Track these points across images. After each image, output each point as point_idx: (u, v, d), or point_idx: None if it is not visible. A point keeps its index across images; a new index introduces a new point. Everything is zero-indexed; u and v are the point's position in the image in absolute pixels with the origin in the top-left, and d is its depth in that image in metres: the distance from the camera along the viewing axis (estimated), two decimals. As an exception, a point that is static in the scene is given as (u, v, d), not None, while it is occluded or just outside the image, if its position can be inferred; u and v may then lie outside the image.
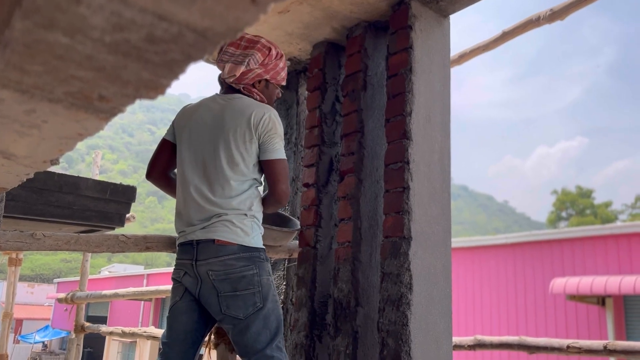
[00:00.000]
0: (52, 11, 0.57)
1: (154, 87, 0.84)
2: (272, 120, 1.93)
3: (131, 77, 0.80)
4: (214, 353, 2.16)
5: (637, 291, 7.81)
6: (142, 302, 21.13)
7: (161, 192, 2.57)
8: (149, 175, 2.14)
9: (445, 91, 2.22)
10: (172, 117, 2.24)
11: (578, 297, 9.03)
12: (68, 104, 0.87)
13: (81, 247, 1.87)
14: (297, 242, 2.45)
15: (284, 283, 2.62)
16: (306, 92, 2.87)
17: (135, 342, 22.00)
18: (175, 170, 2.11)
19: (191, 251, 1.89)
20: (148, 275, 21.19)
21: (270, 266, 1.96)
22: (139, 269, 28.51)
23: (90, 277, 23.18)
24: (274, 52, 2.01)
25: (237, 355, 1.91)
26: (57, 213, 2.41)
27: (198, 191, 1.93)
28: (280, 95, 2.15)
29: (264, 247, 1.95)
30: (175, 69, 0.77)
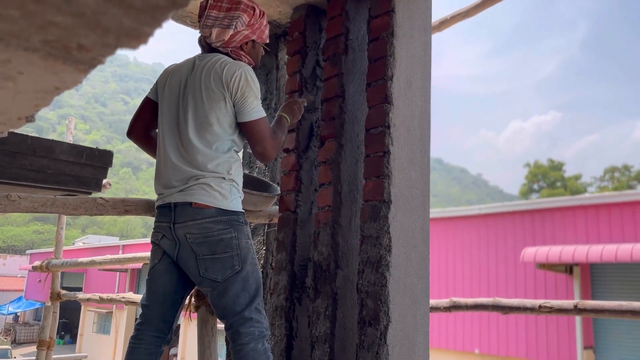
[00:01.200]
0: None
1: (136, 36, 0.81)
2: (243, 77, 1.88)
3: (112, 24, 0.78)
4: (194, 316, 2.17)
5: (604, 259, 8.09)
6: (118, 273, 21.02)
7: (135, 163, 2.51)
8: (130, 134, 2.11)
9: (426, 56, 2.22)
10: (147, 87, 2.20)
11: (547, 266, 9.32)
12: (45, 54, 0.84)
13: (58, 209, 1.84)
14: (277, 207, 2.46)
15: (264, 248, 2.63)
16: (286, 57, 2.83)
17: (111, 312, 21.97)
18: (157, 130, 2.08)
19: (169, 214, 1.88)
20: (124, 246, 21.03)
21: (249, 230, 1.96)
22: (114, 240, 28.27)
23: (65, 248, 22.94)
24: (257, 11, 1.98)
25: (217, 318, 1.92)
26: (32, 177, 2.36)
27: (175, 152, 1.91)
28: (263, 52, 2.14)
29: (243, 211, 1.95)
30: (158, 16, 0.75)
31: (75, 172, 2.47)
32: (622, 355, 9.10)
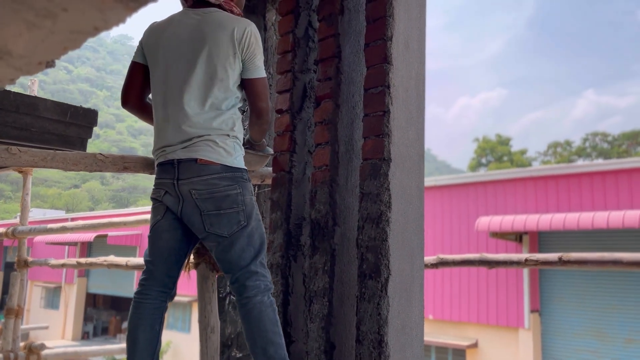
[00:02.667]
0: None
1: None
2: (253, 35, 1.91)
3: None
4: (193, 273, 2.18)
5: (553, 227, 8.54)
6: (67, 247, 20.39)
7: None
8: (125, 103, 2.05)
9: (421, 18, 2.26)
10: (90, 55, 2.14)
11: (500, 234, 9.76)
12: None
13: (58, 164, 1.79)
14: (269, 168, 2.47)
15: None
16: (273, 18, 2.81)
17: (60, 287, 21.35)
18: (151, 95, 2.04)
19: (172, 170, 1.87)
20: (72, 219, 20.36)
21: (252, 186, 1.98)
22: (61, 214, 27.28)
23: (4, 222, 21.89)
24: None
25: (222, 272, 1.94)
26: (15, 134, 2.27)
27: (178, 110, 1.88)
28: None
29: (246, 168, 1.96)
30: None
31: (60, 131, 2.40)
32: (565, 318, 9.72)
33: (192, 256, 2.17)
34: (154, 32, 1.98)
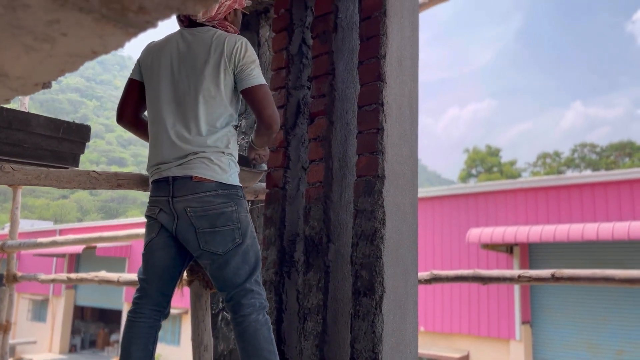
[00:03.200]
0: None
1: (205, 0, 0.83)
2: (244, 46, 1.90)
3: (187, -15, 0.79)
4: (186, 290, 2.17)
5: (543, 239, 8.59)
6: (55, 258, 20.16)
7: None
8: (120, 119, 2.05)
9: (414, 37, 2.28)
10: (82, 66, 2.15)
11: (491, 246, 9.80)
12: (99, 16, 0.84)
13: (51, 182, 1.78)
14: (263, 183, 2.47)
15: (248, 224, 2.64)
16: (267, 34, 2.83)
17: (48, 299, 21.07)
18: (146, 112, 2.04)
19: (167, 188, 1.86)
20: (60, 230, 20.16)
21: (247, 204, 1.97)
22: (49, 225, 26.99)
23: (-7, 232, 21.64)
24: None
25: (216, 290, 1.93)
26: (7, 151, 2.25)
27: (173, 129, 1.89)
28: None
29: (240, 185, 1.96)
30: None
31: (53, 147, 2.39)
32: (556, 329, 9.75)
33: (185, 273, 2.16)
34: (151, 51, 2.00)
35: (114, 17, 0.83)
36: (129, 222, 17.18)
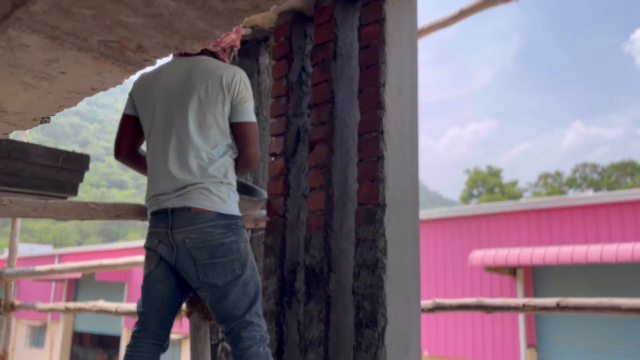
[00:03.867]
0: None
1: (203, 38, 0.81)
2: (243, 81, 1.90)
3: (184, 26, 0.78)
4: (185, 321, 2.13)
5: (547, 262, 8.52)
6: (53, 283, 20.02)
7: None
8: (118, 155, 2.04)
9: (413, 65, 2.29)
10: None
11: (494, 269, 9.71)
12: (98, 54, 0.82)
13: (49, 214, 1.76)
14: (263, 211, 2.45)
15: (248, 253, 2.61)
16: (266, 62, 2.84)
17: (46, 324, 20.85)
18: (144, 147, 2.03)
19: (166, 219, 1.84)
20: (60, 255, 20.06)
21: (247, 233, 1.95)
22: (48, 249, 26.89)
23: (-8, 257, 21.53)
24: None
25: (216, 322, 1.89)
26: (6, 181, 2.25)
27: (171, 160, 1.87)
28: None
29: (240, 215, 1.94)
30: (234, 20, 0.75)
31: (52, 176, 2.38)
32: (562, 353, 9.61)
33: (184, 304, 2.13)
34: (144, 83, 1.99)
35: (112, 56, 0.82)
36: (128, 247, 17.09)
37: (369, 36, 2.19)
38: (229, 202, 1.88)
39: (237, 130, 1.90)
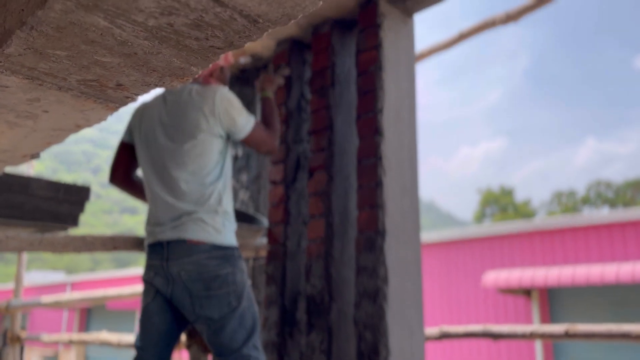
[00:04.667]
0: (102, -9, 0.53)
1: (181, 75, 0.80)
2: (223, 98, 1.89)
3: (160, 64, 0.76)
4: (184, 353, 2.09)
5: (562, 283, 8.35)
6: (65, 311, 20.01)
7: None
8: (112, 180, 2.08)
9: (411, 89, 2.28)
10: None
11: (508, 290, 9.54)
12: (78, 93, 0.82)
13: (46, 248, 1.75)
14: (264, 240, 2.42)
15: (250, 282, 2.58)
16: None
17: (57, 354, 20.77)
18: (140, 172, 2.04)
19: (161, 251, 1.83)
20: (72, 283, 20.09)
21: (244, 264, 1.92)
22: (60, 277, 26.95)
23: (3, 286, 21.61)
24: None
25: (213, 356, 1.86)
26: (6, 213, 2.25)
27: (164, 190, 1.87)
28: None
29: (236, 245, 1.91)
30: (210, 57, 0.74)
31: (52, 208, 2.38)
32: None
33: (183, 336, 2.09)
34: (138, 114, 2.02)
35: (93, 94, 0.81)
36: (139, 274, 17.09)
37: (366, 62, 2.19)
38: (225, 233, 1.85)
39: (244, 144, 1.97)
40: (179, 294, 1.79)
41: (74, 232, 2.57)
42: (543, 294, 9.76)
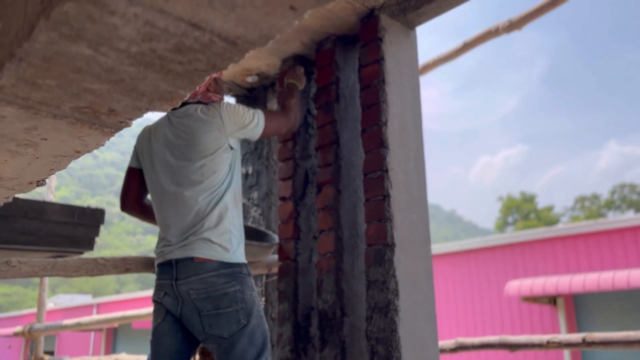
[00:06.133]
0: (82, 22, 0.56)
1: (170, 99, 0.82)
2: (229, 110, 1.93)
3: (148, 89, 0.79)
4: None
5: (587, 289, 8.17)
6: (92, 333, 20.21)
7: (107, 217, 2.50)
8: (123, 207, 2.11)
9: (415, 101, 2.28)
10: (115, 139, 2.22)
11: (532, 298, 9.36)
12: (73, 120, 0.84)
13: (59, 272, 1.79)
14: (276, 256, 2.44)
15: (263, 299, 2.59)
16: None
17: (86, 375, 20.94)
18: (149, 196, 2.07)
19: (170, 271, 1.85)
20: (98, 305, 20.30)
21: (253, 281, 1.93)
22: (87, 299, 27.28)
23: (30, 310, 21.96)
24: None
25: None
26: (23, 240, 2.30)
27: (172, 209, 1.90)
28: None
29: (245, 262, 1.92)
30: (196, 80, 0.76)
31: (67, 232, 2.43)
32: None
33: (197, 356, 2.11)
34: (144, 137, 2.05)
35: (88, 120, 0.84)
36: (163, 293, 17.16)
37: (368, 76, 2.20)
38: (232, 250, 1.87)
39: (265, 137, 2.09)
40: (188, 313, 1.81)
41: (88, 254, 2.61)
42: (569, 302, 9.56)
